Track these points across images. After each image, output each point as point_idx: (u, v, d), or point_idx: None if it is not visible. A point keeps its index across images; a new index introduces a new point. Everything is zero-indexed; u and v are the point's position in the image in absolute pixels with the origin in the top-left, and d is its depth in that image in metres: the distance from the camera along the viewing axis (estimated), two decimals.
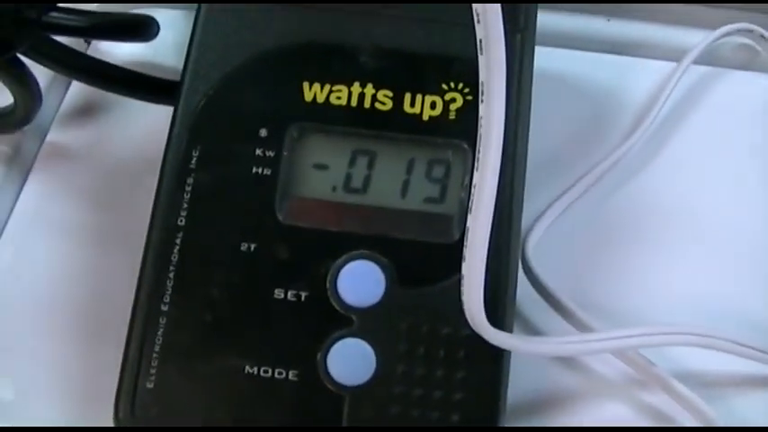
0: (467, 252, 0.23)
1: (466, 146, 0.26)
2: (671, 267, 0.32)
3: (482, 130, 0.22)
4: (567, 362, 0.30)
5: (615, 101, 0.37)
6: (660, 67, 0.37)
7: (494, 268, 0.25)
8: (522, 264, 0.30)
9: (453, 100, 0.27)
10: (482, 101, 0.22)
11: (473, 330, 0.24)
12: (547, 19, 0.38)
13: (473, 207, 0.22)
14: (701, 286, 0.32)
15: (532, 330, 0.30)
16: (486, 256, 0.23)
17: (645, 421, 0.29)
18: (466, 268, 0.23)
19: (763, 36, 0.38)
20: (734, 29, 0.37)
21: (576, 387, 0.29)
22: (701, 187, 0.34)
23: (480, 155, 0.22)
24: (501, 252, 0.26)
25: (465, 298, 0.23)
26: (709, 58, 0.37)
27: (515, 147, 0.26)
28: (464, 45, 0.22)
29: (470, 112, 0.26)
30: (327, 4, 0.28)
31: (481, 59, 0.21)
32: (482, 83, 0.22)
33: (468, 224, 0.23)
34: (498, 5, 0.20)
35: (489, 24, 0.21)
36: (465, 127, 0.26)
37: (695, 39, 0.37)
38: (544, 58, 0.35)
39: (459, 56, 0.27)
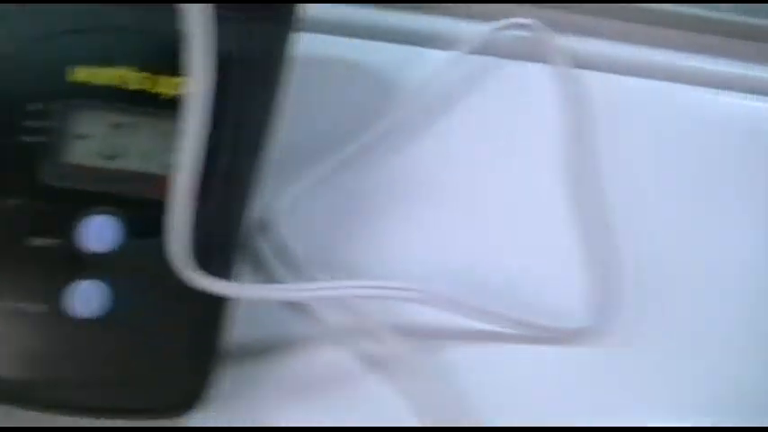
0: (169, 206, 0.28)
1: None
2: (410, 233, 0.36)
3: (187, 101, 0.27)
4: (299, 312, 0.34)
5: (389, 87, 0.40)
6: (440, 57, 0.41)
7: (212, 222, 0.30)
8: (264, 226, 0.35)
9: None
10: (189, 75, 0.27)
11: None
12: (329, 7, 0.41)
13: (177, 166, 0.28)
14: (439, 251, 0.36)
15: None
16: (187, 210, 0.28)
17: (359, 365, 0.33)
18: (170, 220, 0.28)
19: (537, 29, 0.42)
20: (511, 23, 0.42)
21: (303, 334, 0.33)
22: (461, 166, 0.38)
23: (184, 123, 0.27)
24: (222, 209, 0.31)
25: (170, 247, 0.28)
26: (487, 48, 0.42)
27: (240, 114, 0.32)
28: None
29: None
30: None
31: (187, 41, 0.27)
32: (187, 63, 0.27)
33: (174, 181, 0.28)
34: None
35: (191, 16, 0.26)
36: None
37: (475, 30, 0.41)
38: (322, 45, 0.39)
39: None
